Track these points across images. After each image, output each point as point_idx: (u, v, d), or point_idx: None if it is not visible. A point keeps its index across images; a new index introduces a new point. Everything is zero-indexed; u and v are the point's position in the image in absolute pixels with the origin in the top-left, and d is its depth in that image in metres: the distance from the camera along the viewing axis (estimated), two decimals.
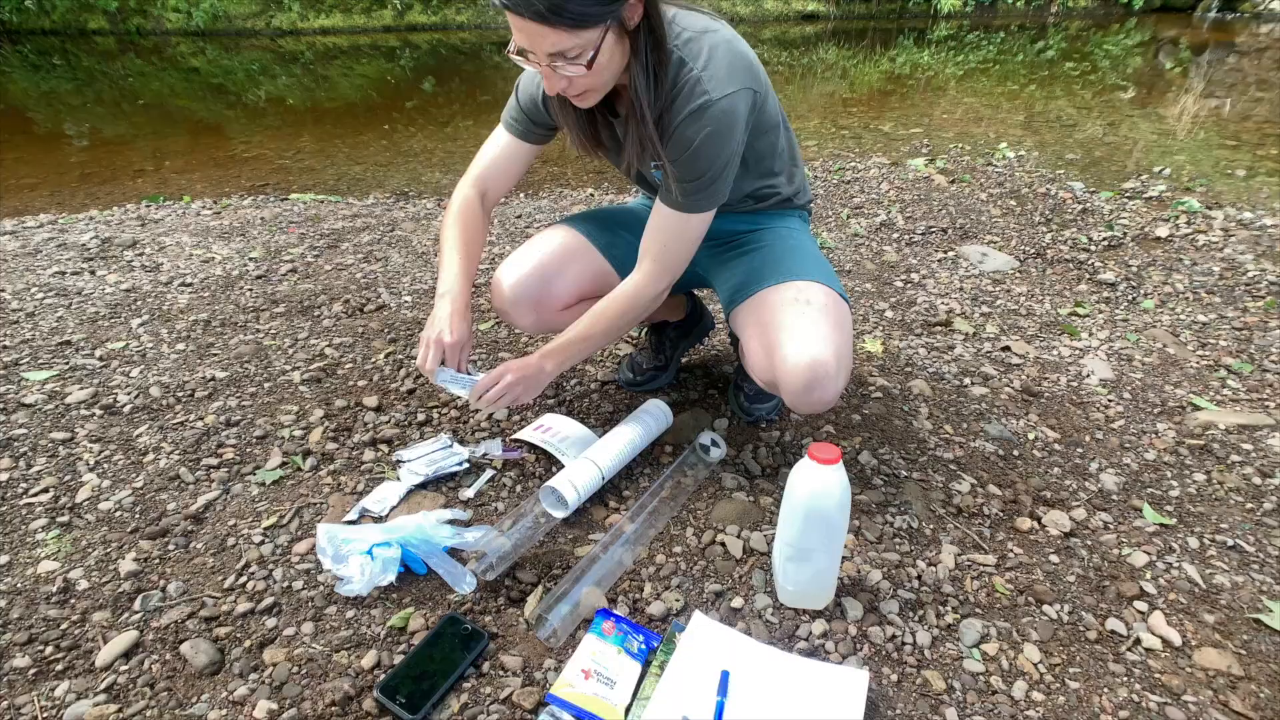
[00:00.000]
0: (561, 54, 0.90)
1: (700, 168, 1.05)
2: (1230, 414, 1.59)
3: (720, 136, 1.02)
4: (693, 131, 1.01)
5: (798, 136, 4.14)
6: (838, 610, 1.05)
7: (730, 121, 1.02)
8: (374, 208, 2.95)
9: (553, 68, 0.92)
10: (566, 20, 0.86)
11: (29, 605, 1.01)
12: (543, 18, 0.86)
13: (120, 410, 1.46)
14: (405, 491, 1.22)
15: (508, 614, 1.03)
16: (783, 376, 1.10)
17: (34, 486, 1.24)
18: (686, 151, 1.03)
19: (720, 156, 1.04)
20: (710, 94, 0.99)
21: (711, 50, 1.00)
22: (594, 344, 1.19)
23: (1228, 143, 3.75)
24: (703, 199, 1.08)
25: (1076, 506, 1.29)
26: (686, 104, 1.00)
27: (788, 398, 1.13)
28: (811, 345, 1.07)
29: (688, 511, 1.23)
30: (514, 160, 1.23)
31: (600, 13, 0.88)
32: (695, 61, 1.00)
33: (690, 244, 1.14)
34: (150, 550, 1.10)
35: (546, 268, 1.28)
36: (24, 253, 2.34)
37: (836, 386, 1.09)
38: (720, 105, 1.00)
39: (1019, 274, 2.30)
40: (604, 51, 0.92)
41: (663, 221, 1.13)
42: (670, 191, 1.09)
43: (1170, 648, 1.02)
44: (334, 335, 1.79)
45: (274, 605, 1.02)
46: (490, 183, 1.25)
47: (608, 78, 0.98)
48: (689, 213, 1.10)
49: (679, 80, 1.01)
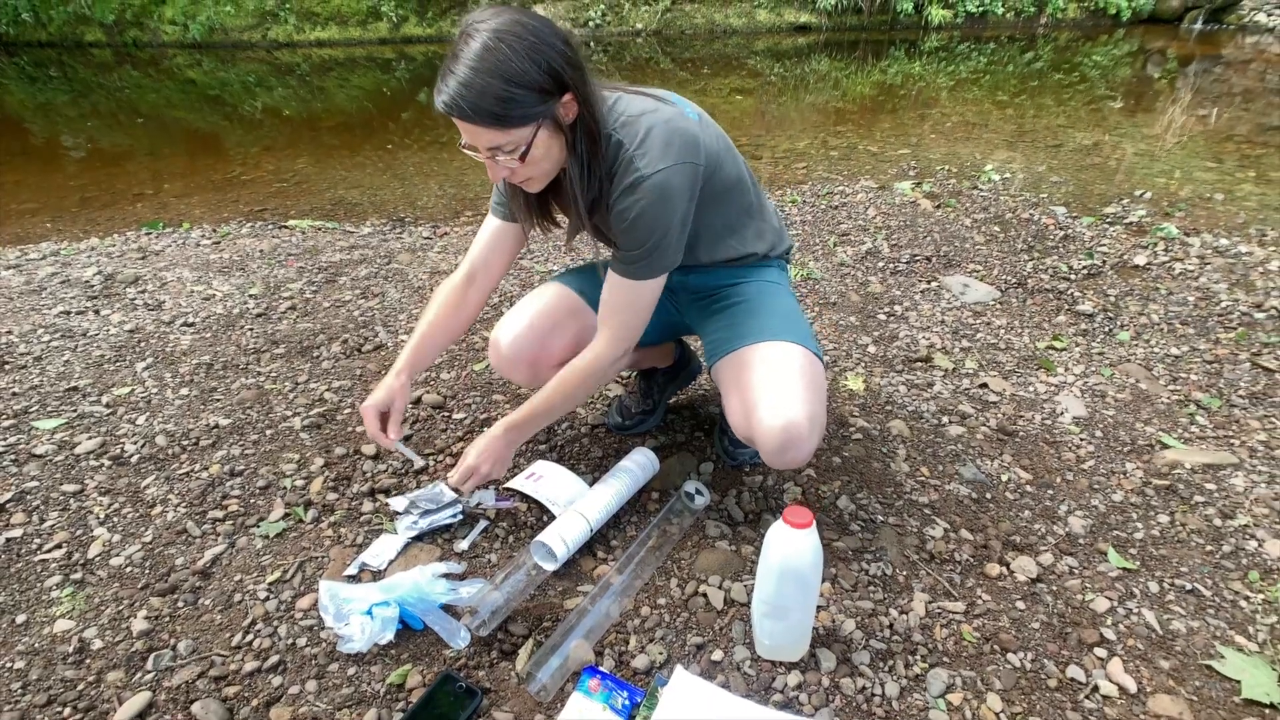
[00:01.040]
0: (498, 148, 1.01)
1: (639, 238, 1.12)
2: (1196, 452, 1.65)
3: (656, 208, 1.09)
4: (628, 205, 1.09)
5: (787, 158, 4.22)
6: (812, 661, 1.11)
7: (664, 194, 1.09)
8: (370, 238, 3.00)
9: (494, 159, 1.03)
10: (499, 123, 0.97)
11: (47, 665, 1.06)
12: (474, 120, 0.96)
13: (128, 461, 1.51)
14: (403, 545, 1.28)
15: (500, 668, 1.09)
16: (759, 437, 1.16)
17: (47, 542, 1.29)
18: (625, 224, 1.11)
19: (658, 227, 1.11)
20: (642, 170, 1.07)
21: (648, 130, 1.08)
22: (555, 413, 1.28)
23: (1208, 165, 3.82)
24: (645, 267, 1.16)
25: (1044, 551, 1.35)
26: (622, 180, 1.09)
27: (764, 456, 1.20)
28: (786, 408, 1.14)
29: (672, 561, 1.29)
30: (502, 242, 1.33)
31: (529, 114, 0.98)
32: (631, 142, 1.08)
33: (644, 310, 1.21)
34: (160, 608, 1.16)
35: (540, 326, 1.35)
36: (29, 290, 2.39)
37: (810, 447, 1.16)
38: (653, 180, 1.07)
39: (999, 305, 2.36)
40: (537, 146, 1.02)
41: (614, 291, 1.20)
42: (618, 261, 1.17)
43: (1126, 695, 1.09)
44: (333, 378, 1.85)
45: (279, 663, 1.07)
46: (480, 267, 1.35)
47: (547, 167, 1.08)
48: (637, 279, 1.17)
49: (617, 159, 1.10)
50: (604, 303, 1.22)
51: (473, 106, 0.95)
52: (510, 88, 0.94)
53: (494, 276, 1.37)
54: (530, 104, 0.97)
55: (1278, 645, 1.17)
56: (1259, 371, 1.96)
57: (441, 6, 8.99)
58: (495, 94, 0.94)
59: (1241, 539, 1.39)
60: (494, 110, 0.95)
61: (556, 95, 1.00)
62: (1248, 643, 1.17)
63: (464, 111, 0.95)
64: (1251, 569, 1.32)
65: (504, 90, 0.94)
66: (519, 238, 1.34)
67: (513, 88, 0.95)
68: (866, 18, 8.83)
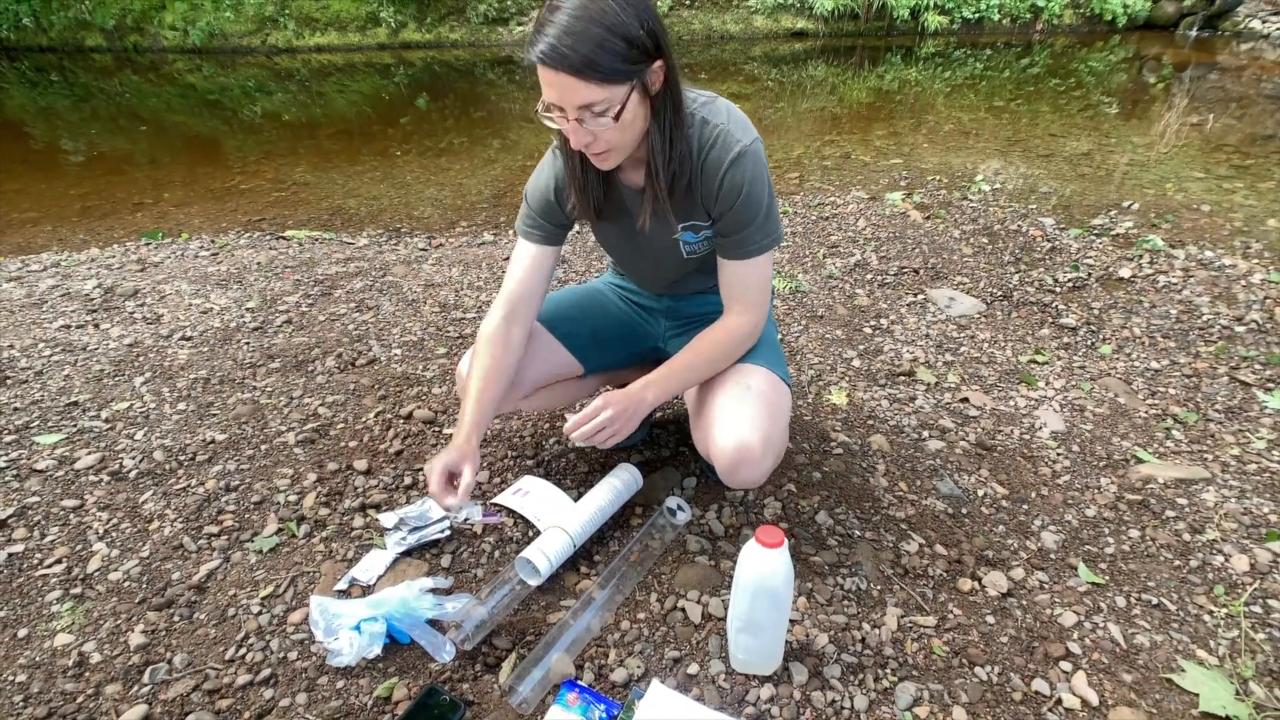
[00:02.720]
0: (589, 107, 0.97)
1: (755, 206, 1.15)
2: (1170, 467, 1.69)
3: (760, 175, 1.14)
4: (738, 175, 1.12)
5: (781, 167, 4.26)
6: (785, 674, 1.15)
7: (763, 162, 1.14)
8: (366, 249, 3.04)
9: (580, 121, 0.99)
10: (597, 75, 0.94)
11: (48, 678, 1.11)
12: (577, 71, 0.93)
13: (126, 476, 1.55)
14: (392, 560, 1.32)
15: (484, 681, 1.13)
16: (714, 456, 1.22)
17: (48, 557, 1.34)
18: (740, 195, 1.13)
19: (766, 192, 1.15)
20: (742, 140, 1.11)
21: (729, 109, 1.14)
22: (695, 375, 1.25)
23: (1198, 175, 3.86)
24: (763, 236, 1.18)
25: (1016, 566, 1.39)
26: (725, 154, 1.11)
27: (719, 474, 1.25)
28: (740, 430, 1.18)
29: (653, 576, 1.33)
30: (540, 266, 1.30)
31: (628, 70, 0.97)
32: (718, 118, 1.12)
33: (767, 280, 1.23)
34: (157, 622, 1.20)
35: None
36: (30, 303, 2.43)
37: (762, 469, 1.20)
38: (753, 149, 1.12)
39: (984, 318, 2.40)
40: (629, 109, 1.00)
41: (735, 274, 1.22)
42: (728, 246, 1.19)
43: (1088, 707, 1.12)
44: (326, 392, 1.89)
45: (271, 676, 1.11)
46: (519, 301, 1.30)
47: (630, 137, 1.06)
48: (758, 256, 1.19)
49: (706, 136, 1.12)
50: (727, 287, 1.24)
51: (575, 54, 0.91)
52: (614, 39, 0.92)
53: (535, 305, 1.32)
54: (631, 59, 0.95)
55: (1237, 659, 1.20)
56: (1236, 385, 2.00)
57: (440, 13, 9.03)
58: (599, 42, 0.92)
59: (1209, 554, 1.43)
60: (596, 60, 0.92)
61: (649, 60, 0.99)
62: (1209, 656, 1.21)
63: (565, 59, 0.92)
64: (1217, 583, 1.36)
65: (609, 40, 0.92)
66: (554, 258, 1.32)
67: (616, 40, 0.93)
68: (863, 24, 8.87)
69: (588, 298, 1.51)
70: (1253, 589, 1.34)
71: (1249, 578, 1.36)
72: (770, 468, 1.22)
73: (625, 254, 1.41)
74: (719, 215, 1.17)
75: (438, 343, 2.19)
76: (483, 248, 3.13)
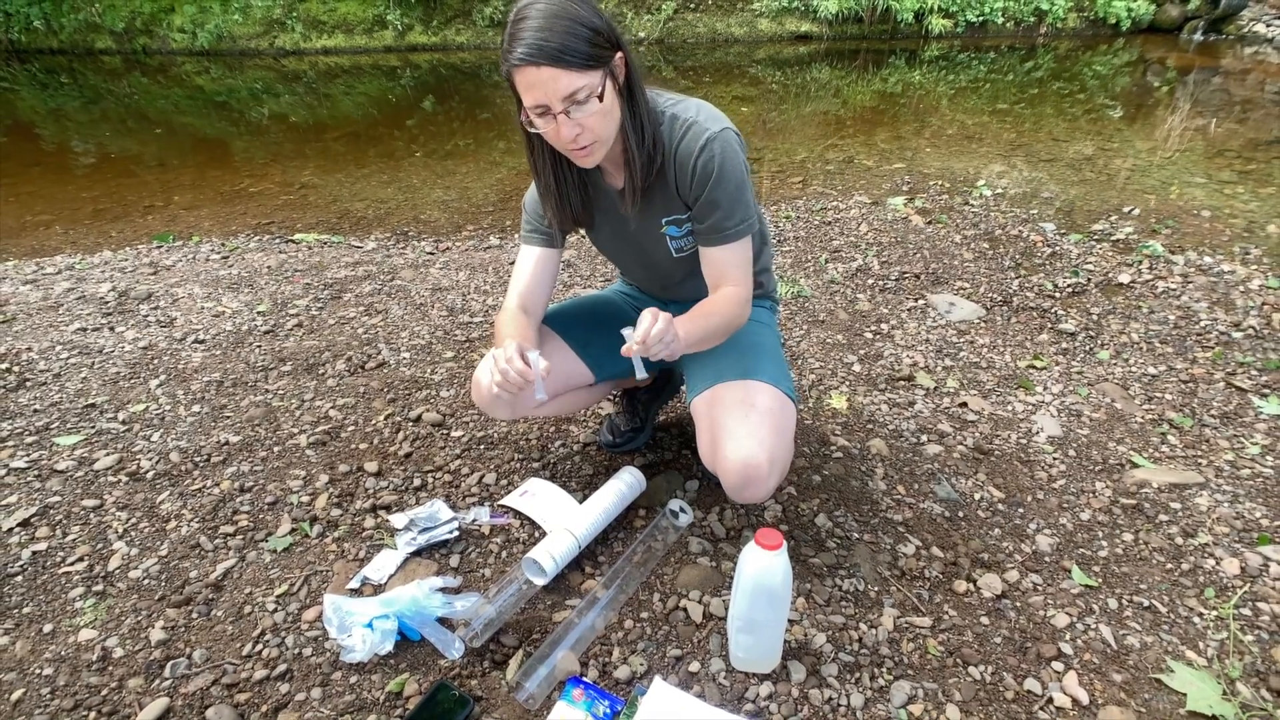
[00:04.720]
0: (573, 95, 1.04)
1: (727, 188, 1.19)
2: (1165, 472, 1.72)
3: (731, 160, 1.18)
4: (707, 159, 1.17)
5: (784, 172, 4.29)
6: (784, 673, 1.18)
7: (733, 147, 1.19)
8: (375, 253, 3.09)
9: (567, 113, 1.05)
10: (576, 61, 1.02)
11: (73, 672, 1.15)
12: (556, 60, 1.01)
13: (144, 476, 1.60)
14: (402, 559, 1.36)
15: (491, 677, 1.16)
16: (721, 472, 1.25)
17: (70, 555, 1.38)
18: (711, 178, 1.18)
19: (737, 175, 1.19)
20: (710, 129, 1.17)
21: (698, 106, 1.20)
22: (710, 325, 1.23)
23: (1199, 180, 3.87)
24: (741, 222, 1.22)
25: (1011, 569, 1.42)
26: (695, 142, 1.17)
27: (726, 490, 1.27)
28: (748, 448, 1.21)
29: (655, 577, 1.36)
30: (544, 269, 1.37)
31: (599, 56, 1.05)
32: (688, 114, 1.19)
33: (748, 262, 1.28)
34: (176, 618, 1.25)
35: None
36: (46, 306, 2.48)
37: (768, 486, 1.23)
38: (721, 135, 1.17)
39: (984, 323, 2.43)
40: (607, 94, 1.07)
41: (715, 259, 1.26)
42: (705, 232, 1.24)
43: (1079, 706, 1.16)
44: (337, 395, 1.93)
45: (287, 671, 1.16)
46: (529, 298, 1.37)
47: (611, 126, 1.12)
48: (735, 241, 1.24)
49: (677, 130, 1.18)
50: (710, 270, 1.28)
51: (550, 45, 1.00)
52: (581, 28, 1.02)
53: (542, 304, 1.40)
54: (599, 46, 1.04)
55: (1226, 660, 1.24)
56: (1232, 391, 2.03)
57: (446, 15, 9.09)
58: (569, 31, 1.01)
59: (1201, 557, 1.46)
60: (576, 47, 1.01)
61: (613, 50, 1.07)
62: (1198, 657, 1.24)
63: (543, 51, 1.00)
64: (1208, 586, 1.39)
65: (577, 29, 1.02)
66: (557, 260, 1.39)
67: (583, 29, 1.02)
68: (867, 27, 8.88)
69: (599, 306, 1.55)
70: (1242, 592, 1.37)
71: (1239, 581, 1.39)
72: (776, 485, 1.26)
73: (620, 256, 1.47)
74: (693, 201, 1.22)
75: (445, 346, 2.23)
76: (489, 252, 3.18)
